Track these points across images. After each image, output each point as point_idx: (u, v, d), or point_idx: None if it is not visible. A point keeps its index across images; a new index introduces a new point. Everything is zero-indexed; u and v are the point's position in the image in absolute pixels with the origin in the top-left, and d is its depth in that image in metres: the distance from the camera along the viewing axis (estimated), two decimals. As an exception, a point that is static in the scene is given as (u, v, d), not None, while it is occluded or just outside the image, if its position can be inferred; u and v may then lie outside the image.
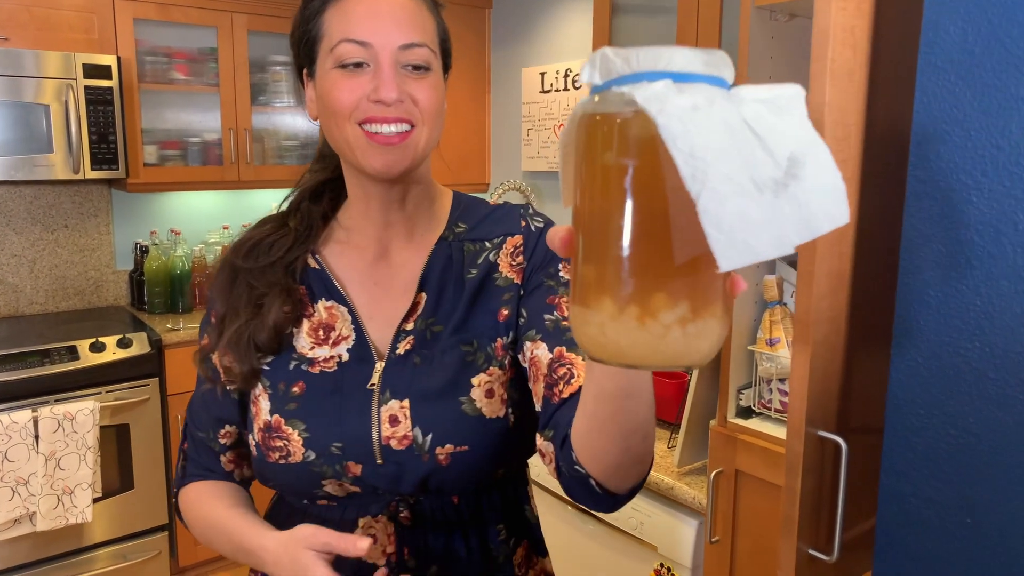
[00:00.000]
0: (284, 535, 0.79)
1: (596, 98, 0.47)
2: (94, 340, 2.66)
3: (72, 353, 2.62)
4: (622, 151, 0.45)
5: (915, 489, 0.80)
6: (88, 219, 3.17)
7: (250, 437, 0.93)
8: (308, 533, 0.76)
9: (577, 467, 0.74)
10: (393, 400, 0.88)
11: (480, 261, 0.94)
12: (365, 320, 0.92)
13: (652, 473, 1.68)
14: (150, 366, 2.73)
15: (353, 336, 0.91)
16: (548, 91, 2.77)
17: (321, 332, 0.92)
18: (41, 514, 2.47)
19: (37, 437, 2.45)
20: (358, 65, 0.84)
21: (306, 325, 0.92)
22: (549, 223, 0.97)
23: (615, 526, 1.76)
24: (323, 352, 0.91)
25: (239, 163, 3.15)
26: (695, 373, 1.60)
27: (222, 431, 0.97)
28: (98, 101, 2.75)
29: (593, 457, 0.72)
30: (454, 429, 0.86)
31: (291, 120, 3.39)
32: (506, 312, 0.92)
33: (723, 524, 1.51)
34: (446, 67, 0.93)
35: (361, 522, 0.89)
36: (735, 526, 1.50)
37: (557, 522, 1.95)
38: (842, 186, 0.44)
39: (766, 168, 0.43)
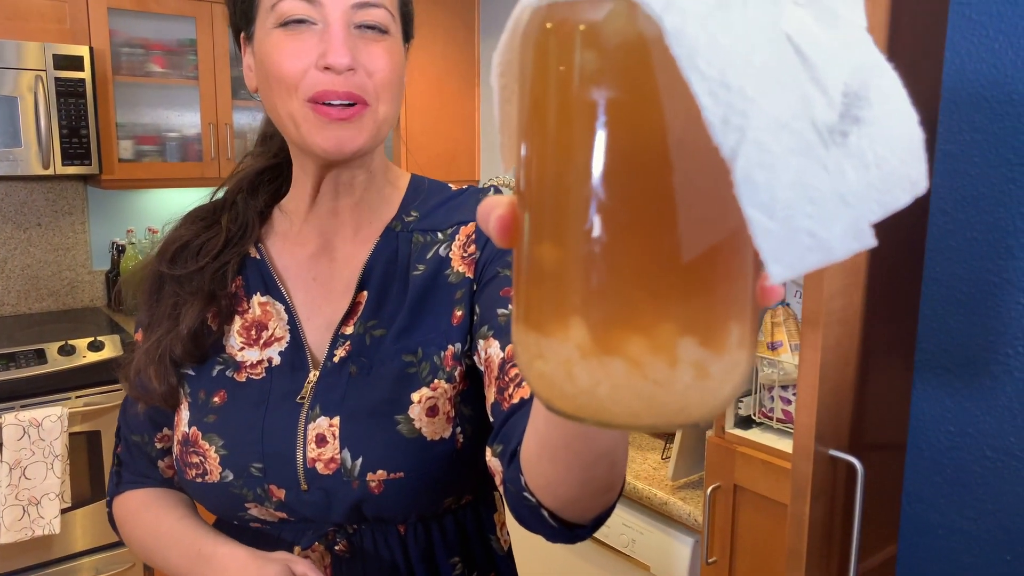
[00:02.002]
0: (257, 553, 0.73)
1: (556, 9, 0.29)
2: (63, 343, 2.55)
3: (39, 357, 2.51)
4: (597, 75, 0.27)
5: (943, 519, 0.69)
6: (62, 217, 3.06)
7: (173, 448, 0.84)
8: (284, 556, 0.72)
9: (526, 494, 0.60)
10: (322, 417, 0.77)
11: (429, 256, 0.82)
12: (303, 321, 0.82)
13: (645, 487, 1.57)
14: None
15: (287, 338, 0.81)
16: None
17: (253, 331, 0.81)
18: (5, 526, 2.36)
19: (1, 445, 2.35)
20: (302, 22, 0.72)
21: (238, 323, 0.82)
22: None
23: (605, 543, 1.65)
24: (252, 355, 0.80)
25: (219, 159, 3.04)
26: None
27: (158, 435, 0.89)
28: (69, 93, 2.65)
29: (546, 487, 0.57)
30: (387, 453, 0.75)
31: (275, 115, 3.28)
32: (460, 313, 0.79)
33: (720, 543, 1.39)
34: (407, 35, 0.81)
35: (295, 551, 0.78)
36: (733, 546, 1.39)
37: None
38: (920, 133, 0.29)
39: (820, 110, 0.27)
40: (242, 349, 0.81)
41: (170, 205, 3.27)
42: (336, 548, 0.79)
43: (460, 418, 0.78)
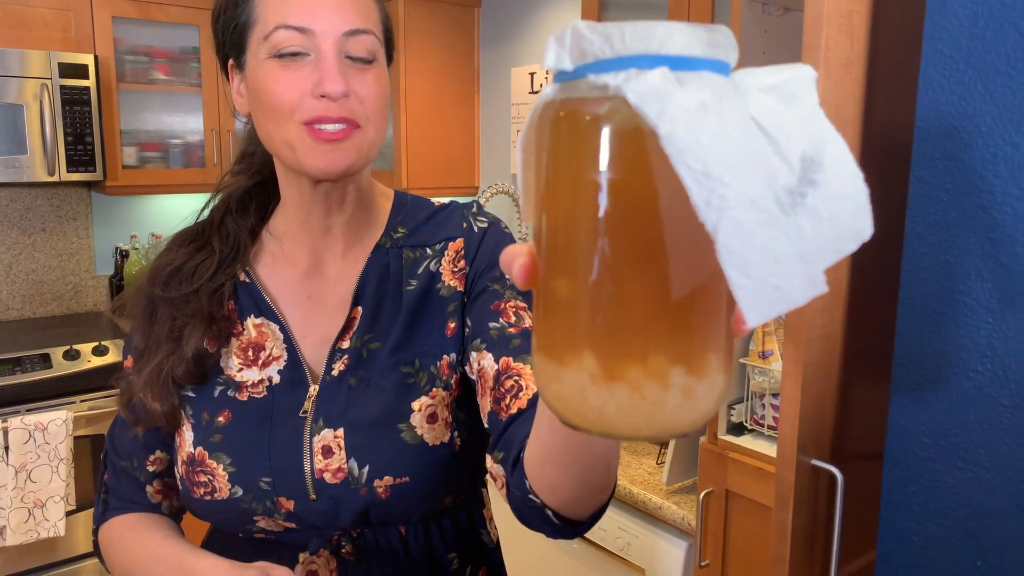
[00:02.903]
0: (237, 563, 0.73)
1: (565, 89, 0.36)
2: (68, 348, 2.58)
3: (45, 361, 2.54)
4: (603, 163, 0.34)
5: (919, 526, 0.72)
6: (66, 222, 3.09)
7: (176, 469, 0.85)
8: (262, 565, 0.71)
9: (532, 496, 0.67)
10: (327, 429, 0.80)
11: (420, 271, 0.86)
12: (299, 339, 0.84)
13: (640, 492, 1.60)
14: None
15: (285, 356, 0.83)
16: (538, 91, 2.70)
17: (250, 352, 0.83)
18: (11, 528, 2.39)
19: (7, 448, 2.37)
20: (297, 55, 0.75)
21: (235, 344, 0.84)
22: (494, 221, 0.90)
23: (601, 546, 1.68)
24: (252, 375, 0.83)
25: (222, 165, 3.08)
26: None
27: (150, 457, 0.89)
28: (74, 101, 2.68)
29: (550, 489, 0.65)
30: (393, 460, 0.79)
31: (276, 121, 3.31)
32: (453, 325, 0.84)
33: (713, 547, 1.43)
34: (389, 58, 0.84)
35: (301, 557, 0.82)
36: (726, 549, 1.42)
37: (539, 540, 1.87)
38: (865, 189, 0.35)
39: (783, 177, 0.34)
40: (241, 370, 0.83)
41: (173, 210, 3.31)
42: (342, 552, 0.82)
43: (456, 423, 0.83)
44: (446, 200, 0.94)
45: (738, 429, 1.43)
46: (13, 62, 2.56)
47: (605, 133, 0.33)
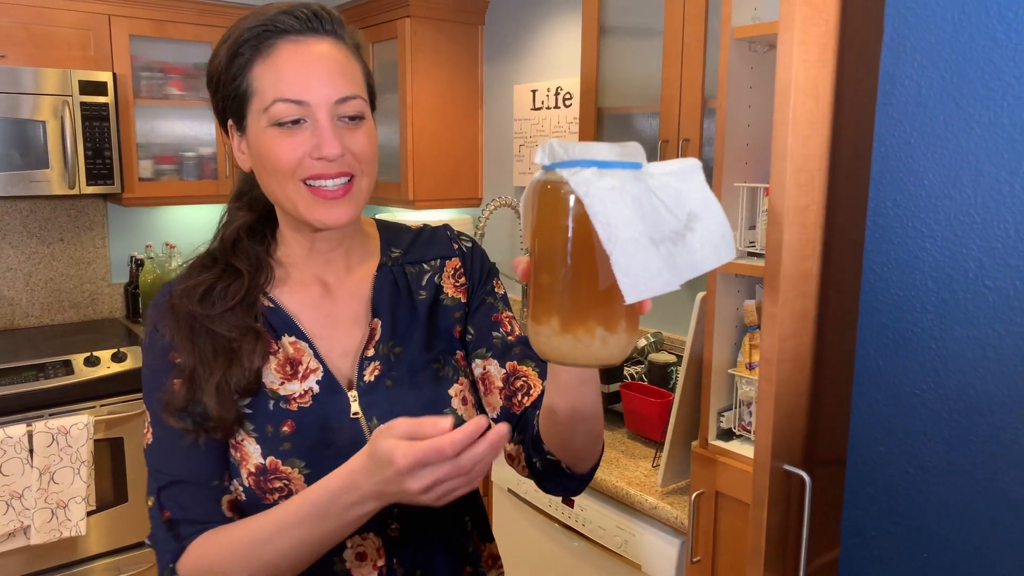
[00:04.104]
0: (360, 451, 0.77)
1: (546, 174, 0.64)
2: (88, 354, 2.68)
3: (67, 367, 2.65)
4: (563, 215, 0.62)
5: (875, 523, 0.83)
6: (83, 232, 3.20)
7: (235, 483, 0.91)
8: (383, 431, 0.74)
9: (549, 455, 0.91)
10: (381, 425, 0.90)
11: (425, 283, 1.01)
12: (324, 353, 0.94)
13: (637, 493, 1.71)
14: (144, 380, 2.75)
15: (320, 368, 0.93)
16: (539, 108, 2.80)
17: (288, 367, 0.92)
18: (35, 527, 2.49)
19: (31, 451, 2.47)
20: (295, 122, 0.85)
21: (272, 362, 0.92)
22: (474, 240, 1.07)
23: (600, 544, 1.79)
24: (294, 387, 0.92)
25: (234, 177, 3.16)
26: (677, 394, 1.62)
27: (220, 472, 0.91)
28: (94, 117, 2.78)
29: (561, 445, 0.89)
30: None
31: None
32: (459, 329, 1.01)
33: (704, 544, 1.53)
34: (373, 107, 0.95)
35: (349, 542, 0.92)
36: (715, 546, 1.53)
37: (543, 538, 1.98)
38: (730, 232, 0.64)
39: (670, 223, 0.62)
40: (283, 383, 0.91)
41: (186, 221, 3.41)
42: (388, 531, 0.93)
43: (476, 404, 1.00)
44: (443, 214, 1.08)
45: (727, 435, 1.54)
46: (36, 80, 2.66)
47: (563, 199, 0.62)
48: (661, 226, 0.60)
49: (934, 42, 0.76)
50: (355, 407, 0.92)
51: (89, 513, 2.62)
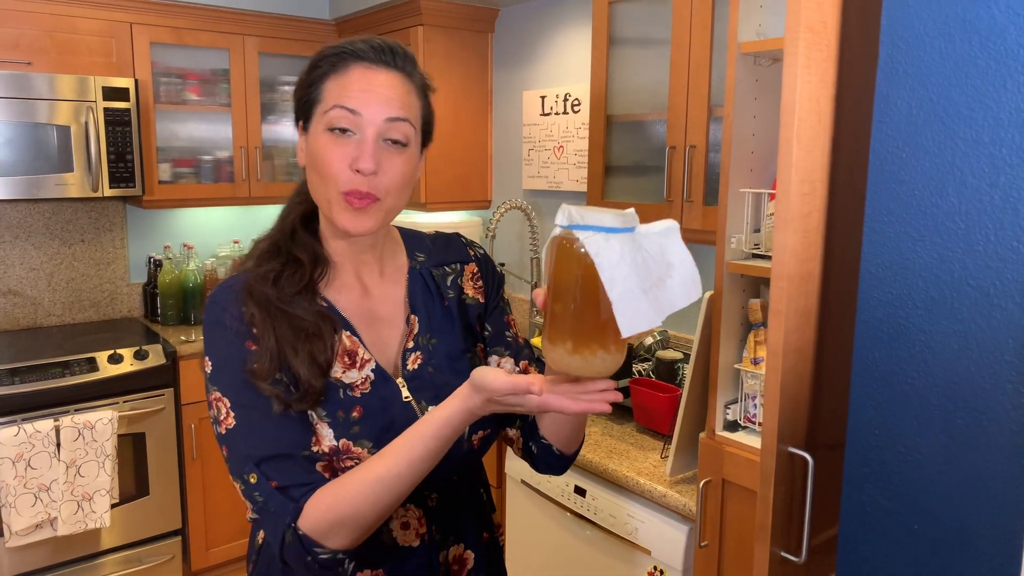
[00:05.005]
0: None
1: (564, 232, 0.81)
2: (112, 352, 2.77)
3: (91, 364, 2.73)
4: (577, 266, 0.80)
5: (872, 500, 0.92)
6: (104, 234, 3.29)
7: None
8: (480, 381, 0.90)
9: (543, 440, 1.09)
10: (431, 406, 1.01)
11: (449, 284, 1.13)
12: (370, 345, 1.05)
13: (647, 482, 1.79)
14: (165, 377, 2.84)
15: (372, 359, 1.03)
16: (548, 114, 2.88)
17: (347, 358, 1.02)
18: (62, 519, 2.57)
19: (59, 445, 2.56)
20: (344, 131, 0.96)
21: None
22: (483, 248, 1.20)
23: (612, 532, 1.87)
24: (353, 375, 1.01)
25: (250, 180, 3.27)
26: (686, 388, 1.71)
27: (313, 439, 0.97)
28: (116, 122, 2.87)
29: (554, 432, 1.08)
30: (483, 418, 1.00)
31: (299, 138, 3.50)
32: (479, 325, 1.14)
33: (711, 530, 1.62)
34: (425, 142, 1.07)
35: (394, 514, 1.03)
36: (722, 531, 1.61)
37: (556, 528, 2.06)
38: (698, 277, 0.82)
39: (655, 271, 0.80)
40: (344, 372, 1.01)
41: (202, 222, 3.50)
42: (428, 501, 1.05)
43: None
44: (454, 216, 1.20)
45: (733, 426, 1.63)
46: (61, 86, 2.75)
47: (577, 253, 0.79)
48: (649, 275, 0.79)
49: (924, 68, 0.85)
50: (405, 392, 1.03)
51: (112, 506, 2.71)
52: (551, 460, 1.11)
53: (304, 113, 1.03)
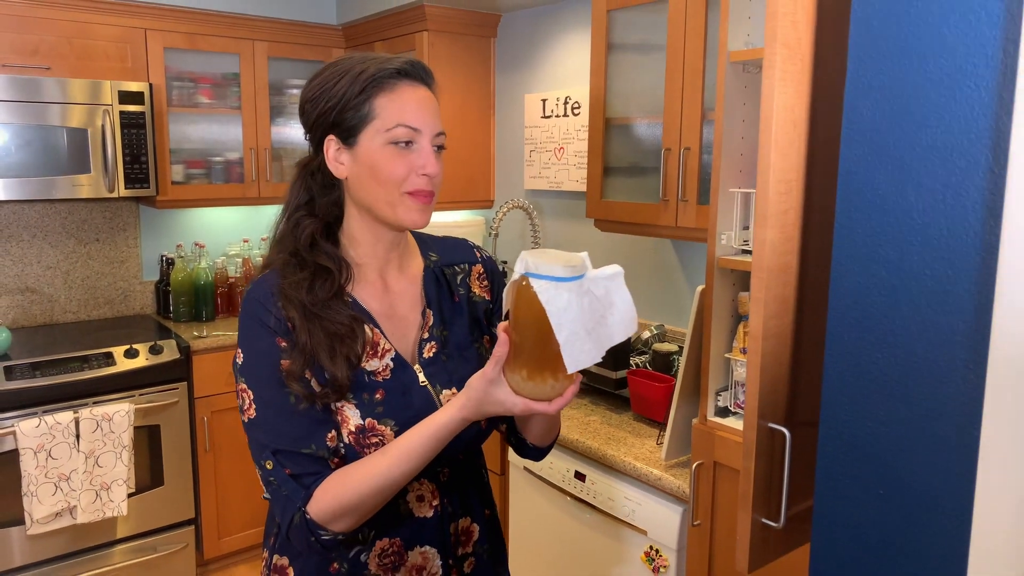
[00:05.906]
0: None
1: (522, 278, 0.93)
2: (128, 347, 2.87)
3: (108, 359, 2.83)
4: (532, 307, 0.92)
5: (843, 469, 1.01)
6: (118, 233, 3.38)
7: (340, 438, 1.08)
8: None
9: (522, 436, 1.25)
10: (445, 389, 1.14)
11: (459, 282, 1.25)
12: (390, 336, 1.16)
13: (643, 466, 1.89)
14: (179, 371, 2.94)
15: (392, 349, 1.14)
16: (549, 116, 2.98)
17: (370, 348, 1.13)
18: (81, 508, 2.67)
19: (78, 436, 2.66)
20: (407, 144, 1.09)
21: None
22: (488, 253, 1.31)
23: (610, 514, 1.97)
24: (375, 363, 1.12)
25: (259, 180, 3.36)
26: (679, 378, 1.81)
27: (329, 435, 1.08)
28: (132, 125, 2.96)
29: (528, 430, 1.24)
30: None
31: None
32: (485, 320, 1.26)
33: (704, 509, 1.72)
34: None
35: (409, 487, 1.14)
36: (714, 511, 1.71)
37: (557, 512, 2.16)
38: (635, 313, 0.97)
39: (598, 311, 0.93)
40: (367, 361, 1.11)
41: (213, 222, 3.60)
42: (440, 477, 1.17)
43: None
44: (458, 215, 1.31)
45: (724, 412, 1.72)
46: (78, 90, 2.85)
47: (532, 297, 0.91)
48: (593, 315, 0.93)
49: (887, 82, 0.95)
50: (422, 377, 1.15)
51: (129, 495, 2.81)
52: (527, 450, 1.28)
53: (347, 131, 1.09)
